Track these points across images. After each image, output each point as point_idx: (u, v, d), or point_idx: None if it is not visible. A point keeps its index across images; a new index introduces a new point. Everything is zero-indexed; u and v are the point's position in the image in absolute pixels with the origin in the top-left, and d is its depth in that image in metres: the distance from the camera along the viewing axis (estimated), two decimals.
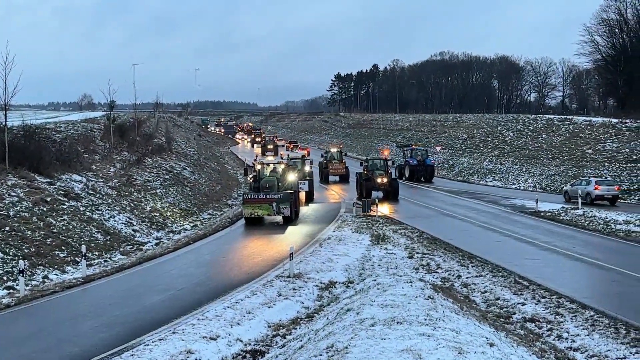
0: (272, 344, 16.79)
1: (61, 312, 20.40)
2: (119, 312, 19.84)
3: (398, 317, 13.99)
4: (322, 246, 31.42)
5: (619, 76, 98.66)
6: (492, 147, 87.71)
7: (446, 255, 29.79)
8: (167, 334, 16.86)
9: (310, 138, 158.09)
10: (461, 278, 25.24)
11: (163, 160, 60.36)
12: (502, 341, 14.32)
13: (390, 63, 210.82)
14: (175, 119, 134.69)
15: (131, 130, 66.95)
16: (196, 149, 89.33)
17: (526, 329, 18.57)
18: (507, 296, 22.29)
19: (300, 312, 20.06)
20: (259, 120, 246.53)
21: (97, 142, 55.95)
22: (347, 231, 36.08)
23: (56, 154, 41.75)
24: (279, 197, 38.13)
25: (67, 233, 30.35)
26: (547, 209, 44.54)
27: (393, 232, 35.71)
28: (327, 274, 24.96)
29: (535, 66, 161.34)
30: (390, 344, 11.84)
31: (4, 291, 22.38)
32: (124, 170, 47.51)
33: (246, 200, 38.73)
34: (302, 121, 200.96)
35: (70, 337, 17.36)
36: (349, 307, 16.78)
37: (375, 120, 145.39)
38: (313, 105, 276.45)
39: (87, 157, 47.10)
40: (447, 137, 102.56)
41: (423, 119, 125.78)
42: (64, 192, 35.74)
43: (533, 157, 76.55)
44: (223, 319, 18.21)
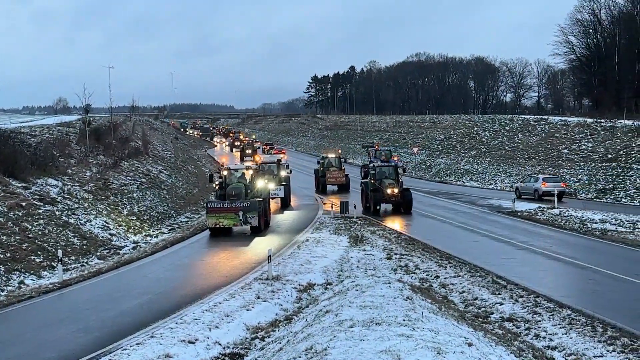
0: (250, 346, 16.73)
1: (38, 317, 20.21)
2: (96, 316, 19.69)
3: (377, 318, 13.99)
4: (300, 248, 31.38)
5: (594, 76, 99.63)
6: (469, 147, 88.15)
7: (424, 255, 29.86)
8: (145, 338, 16.75)
9: (287, 140, 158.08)
10: (439, 278, 25.31)
11: (140, 164, 60.05)
12: (481, 341, 14.36)
13: (367, 64, 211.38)
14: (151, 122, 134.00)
15: (107, 133, 66.51)
16: (173, 152, 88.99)
17: (504, 328, 18.64)
18: (485, 296, 22.36)
19: (279, 315, 20.02)
20: (236, 122, 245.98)
21: (73, 146, 55.50)
22: (325, 233, 36.07)
23: (31, 158, 41.37)
24: (245, 206, 35.15)
25: (43, 238, 30.09)
26: (524, 208, 44.79)
27: (371, 234, 35.74)
28: (306, 276, 24.93)
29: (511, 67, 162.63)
30: (369, 345, 11.83)
31: None
32: (100, 174, 47.20)
33: (210, 209, 35.68)
34: (279, 123, 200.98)
35: (48, 342, 17.20)
36: (327, 309, 16.77)
37: (352, 122, 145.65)
38: (290, 107, 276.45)
39: (63, 161, 46.71)
40: (424, 138, 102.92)
41: (400, 120, 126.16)
42: (39, 197, 35.43)
43: (509, 157, 77.02)
44: (201, 323, 18.13)
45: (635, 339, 16.87)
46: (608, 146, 64.79)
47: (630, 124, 67.27)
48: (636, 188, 53.32)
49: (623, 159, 60.10)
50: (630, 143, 62.08)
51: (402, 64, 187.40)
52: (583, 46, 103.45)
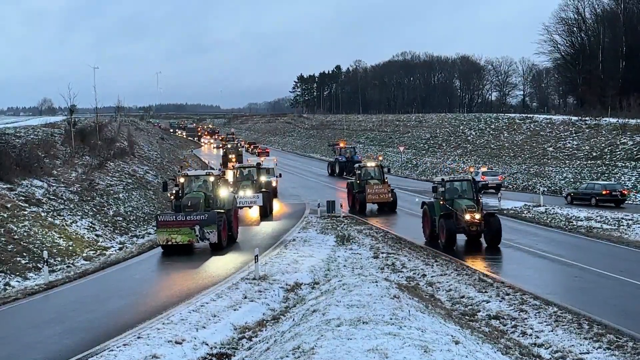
0: (238, 346, 16.72)
1: (24, 319, 20.10)
2: (82, 317, 19.61)
3: (364, 317, 14.02)
4: (287, 248, 31.38)
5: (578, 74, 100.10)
6: (455, 146, 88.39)
7: (411, 254, 29.95)
8: (132, 339, 16.70)
9: (273, 140, 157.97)
10: (426, 277, 25.38)
11: (125, 164, 59.86)
12: (468, 339, 14.42)
13: (353, 64, 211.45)
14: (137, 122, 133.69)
15: (92, 134, 66.28)
16: (159, 153, 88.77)
17: (491, 326, 18.71)
18: (471, 294, 22.44)
19: (266, 314, 20.02)
20: (222, 122, 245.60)
21: (58, 147, 55.25)
22: (312, 232, 36.08)
23: (16, 159, 41.14)
24: (202, 219, 30.02)
25: (28, 239, 29.94)
26: (510, 206, 44.98)
27: (358, 233, 35.78)
28: (293, 276, 24.93)
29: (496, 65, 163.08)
30: (356, 343, 11.85)
31: None
32: (86, 174, 47.01)
33: (160, 222, 30.28)
34: (265, 123, 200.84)
35: (34, 344, 17.11)
36: (315, 308, 16.78)
37: (338, 121, 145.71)
38: (276, 107, 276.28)
39: (48, 162, 46.49)
40: (410, 137, 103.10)
41: (386, 119, 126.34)
42: (24, 198, 35.24)
43: (495, 156, 77.30)
44: (188, 323, 18.10)
45: (620, 336, 16.98)
46: (593, 144, 65.12)
47: (615, 121, 67.67)
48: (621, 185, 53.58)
49: (608, 156, 60.42)
50: (615, 141, 62.43)
51: (388, 63, 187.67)
52: (567, 45, 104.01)
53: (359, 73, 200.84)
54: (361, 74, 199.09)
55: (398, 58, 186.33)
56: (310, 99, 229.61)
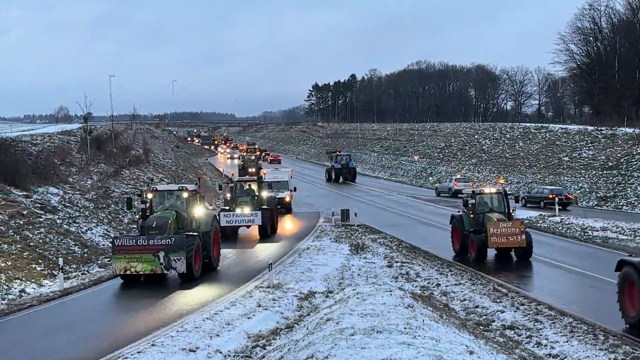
0: (251, 355, 16.71)
1: (38, 326, 20.18)
2: (97, 325, 19.66)
3: (378, 326, 13.99)
4: (301, 256, 31.37)
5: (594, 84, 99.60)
6: (470, 155, 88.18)
7: (425, 263, 29.87)
8: (146, 346, 16.73)
9: (288, 148, 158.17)
10: (440, 286, 25.31)
11: (141, 172, 60.05)
12: (482, 349, 14.35)
13: (368, 73, 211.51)
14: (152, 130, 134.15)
15: (108, 142, 66.54)
16: (174, 161, 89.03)
17: (506, 336, 18.62)
18: (486, 304, 22.35)
19: (280, 323, 20.00)
20: (237, 131, 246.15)
21: (74, 155, 55.52)
22: (326, 241, 36.06)
23: (32, 166, 41.39)
24: (168, 243, 24.76)
25: (44, 246, 30.07)
26: (525, 216, 44.72)
27: (372, 241, 35.73)
28: (307, 284, 24.92)
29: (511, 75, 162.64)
30: (370, 352, 11.83)
31: None
32: (101, 182, 47.21)
33: (117, 247, 25.03)
34: (279, 131, 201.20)
35: (48, 351, 17.17)
36: (328, 317, 16.76)
37: (353, 130, 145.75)
38: (291, 115, 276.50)
39: (64, 170, 46.72)
40: (424, 146, 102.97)
41: (401, 128, 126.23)
42: (40, 205, 35.43)
43: (510, 165, 77.04)
44: (202, 331, 18.11)
45: (636, 347, 16.85)
46: (609, 154, 64.79)
47: (631, 131, 67.29)
48: (637, 196, 53.35)
49: (624, 166, 60.08)
50: (631, 151, 62.07)
51: (403, 72, 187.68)
52: (583, 54, 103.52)
53: (373, 82, 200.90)
54: (376, 82, 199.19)
55: (413, 67, 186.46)
56: (325, 107, 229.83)
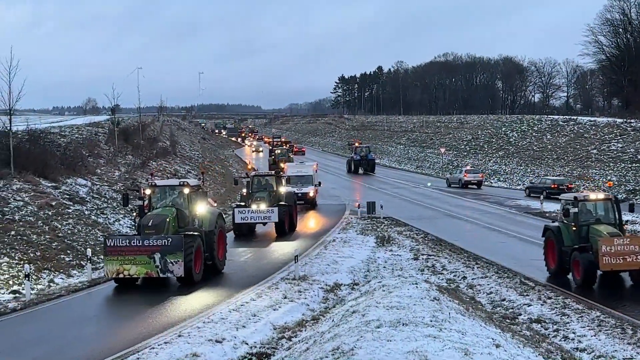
0: (277, 346, 16.76)
1: (67, 316, 20.38)
2: (123, 315, 19.79)
3: (404, 318, 13.98)
4: (327, 248, 31.40)
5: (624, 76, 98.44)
6: (497, 148, 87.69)
7: (451, 256, 29.78)
8: (173, 337, 16.85)
9: (314, 140, 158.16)
10: (467, 279, 25.23)
11: (167, 164, 60.39)
12: (509, 342, 14.30)
13: (394, 65, 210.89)
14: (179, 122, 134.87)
15: (135, 133, 66.98)
16: (200, 152, 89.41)
17: (532, 329, 18.54)
18: (513, 297, 22.26)
19: (306, 315, 20.04)
20: (263, 123, 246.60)
21: (102, 146, 55.97)
22: (352, 233, 36.06)
23: (61, 158, 41.77)
24: (164, 244, 22.75)
25: (72, 237, 30.35)
26: (553, 209, 44.41)
27: (398, 234, 35.67)
28: (333, 276, 24.95)
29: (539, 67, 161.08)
30: (396, 345, 11.82)
31: (10, 295, 22.37)
32: (129, 173, 47.54)
33: (109, 248, 23.14)
34: (306, 124, 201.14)
35: (76, 341, 17.35)
36: (354, 309, 16.78)
37: (379, 122, 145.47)
38: (317, 107, 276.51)
39: (92, 161, 47.10)
40: (451, 139, 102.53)
41: (427, 121, 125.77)
42: (69, 196, 35.76)
43: (538, 158, 76.48)
44: (228, 322, 18.21)
45: None
46: (638, 147, 64.11)
47: None
48: None
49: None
50: None
51: (430, 64, 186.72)
52: (613, 46, 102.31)
53: (400, 74, 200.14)
54: (402, 74, 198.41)
55: (440, 59, 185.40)
56: (351, 99, 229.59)
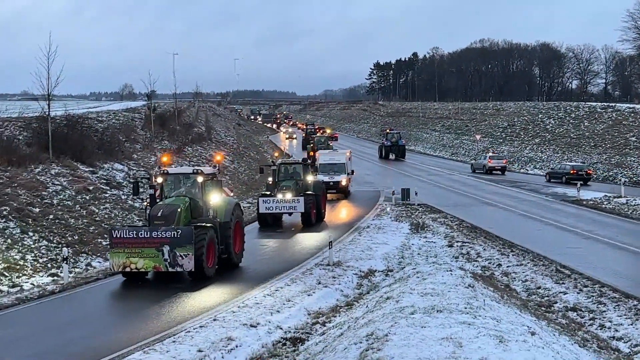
0: (311, 331, 16.84)
1: (104, 299, 20.64)
2: (160, 298, 19.94)
3: (438, 305, 13.97)
4: (361, 235, 31.41)
5: None
6: (533, 135, 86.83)
7: (486, 243, 29.64)
8: (208, 320, 17.00)
9: (348, 127, 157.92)
10: (502, 267, 25.11)
11: (203, 149, 60.77)
12: (544, 330, 14.22)
13: (430, 51, 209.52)
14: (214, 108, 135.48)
15: (171, 119, 67.48)
16: (235, 138, 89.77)
17: (568, 318, 18.42)
18: (548, 285, 22.12)
19: (340, 300, 20.11)
20: (297, 109, 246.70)
21: (138, 132, 56.49)
22: (386, 220, 36.02)
23: (98, 143, 42.26)
24: (173, 236, 21.28)
25: (109, 221, 30.69)
26: (590, 197, 44.01)
27: (432, 221, 35.56)
28: (367, 262, 24.97)
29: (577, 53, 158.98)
30: (430, 332, 11.82)
31: (49, 278, 22.73)
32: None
33: (115, 240, 21.72)
34: (340, 110, 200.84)
35: (114, 323, 17.59)
36: (388, 296, 16.79)
37: (414, 109, 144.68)
38: (352, 94, 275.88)
39: (129, 146, 47.58)
40: (487, 126, 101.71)
41: (462, 107, 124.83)
42: (106, 181, 36.17)
43: (575, 145, 75.63)
44: (263, 307, 18.33)
45: None
46: None
47: None
48: None
49: None
50: None
51: (466, 51, 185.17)
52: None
53: (436, 60, 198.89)
54: (438, 61, 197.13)
55: (476, 45, 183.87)
56: (386, 86, 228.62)
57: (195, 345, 14.95)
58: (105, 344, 15.51)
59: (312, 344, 15.29)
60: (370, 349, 11.38)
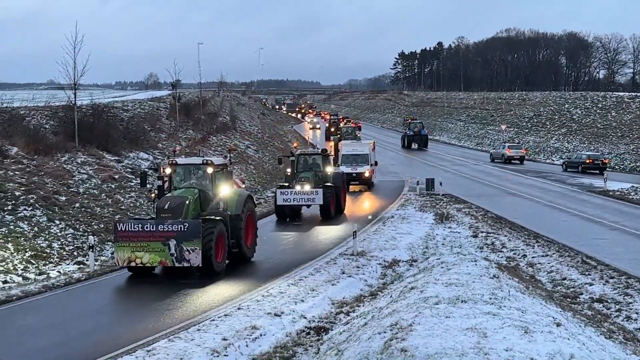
0: (335, 320, 16.86)
1: (129, 287, 20.75)
2: (184, 288, 20.02)
3: (462, 295, 13.91)
4: (385, 225, 31.35)
5: None
6: (559, 125, 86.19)
7: (511, 234, 29.48)
8: (232, 309, 17.06)
9: (373, 116, 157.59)
10: (527, 257, 24.97)
11: (227, 139, 60.91)
12: (569, 321, 14.13)
13: (455, 40, 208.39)
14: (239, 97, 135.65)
15: (196, 108, 67.67)
16: (260, 128, 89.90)
17: (594, 309, 18.29)
18: (574, 276, 21.97)
19: (364, 290, 20.10)
20: (322, 98, 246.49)
21: (163, 121, 56.75)
22: (410, 210, 35.93)
23: (123, 132, 42.53)
24: (180, 230, 20.53)
25: (134, 210, 30.89)
26: (616, 188, 43.62)
27: (457, 211, 35.43)
28: (391, 252, 24.93)
29: (605, 42, 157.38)
30: (454, 322, 11.78)
31: (75, 266, 22.93)
32: (190, 148, 48.10)
33: (120, 233, 20.95)
34: (364, 100, 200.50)
35: (139, 311, 17.68)
36: (412, 286, 16.75)
37: (439, 99, 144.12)
38: (376, 83, 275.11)
39: (154, 136, 47.83)
40: (512, 116, 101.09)
41: (488, 97, 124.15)
42: (131, 170, 36.39)
43: (602, 136, 74.98)
44: (287, 296, 18.36)
45: None
46: None
47: None
48: None
49: None
50: None
51: (491, 40, 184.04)
52: None
53: (461, 50, 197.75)
54: (463, 50, 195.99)
55: (502, 35, 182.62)
56: (410, 76, 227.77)
57: (220, 334, 15.00)
58: (131, 331, 15.63)
59: (336, 334, 15.30)
60: (395, 338, 11.36)
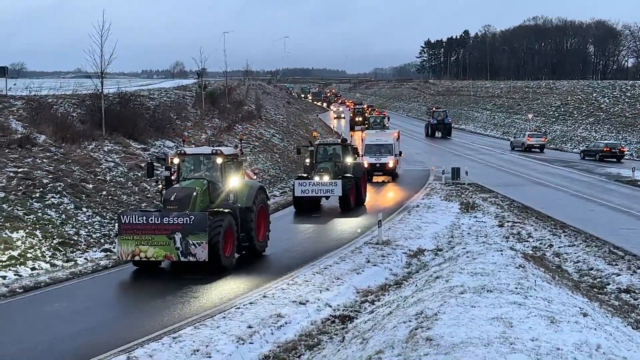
0: (360, 309, 16.88)
1: (155, 275, 20.82)
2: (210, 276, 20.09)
3: (488, 285, 13.86)
4: (410, 214, 31.29)
5: None
6: (587, 114, 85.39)
7: (537, 224, 29.30)
8: (258, 297, 17.14)
9: (398, 105, 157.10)
10: (553, 247, 24.81)
11: (253, 127, 60.99)
12: (596, 311, 14.03)
13: (482, 29, 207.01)
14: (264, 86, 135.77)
15: (222, 97, 67.81)
16: (285, 116, 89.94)
17: (621, 300, 18.14)
18: (601, 266, 21.80)
19: (389, 279, 20.10)
20: (347, 87, 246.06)
21: (189, 109, 56.93)
22: (436, 199, 35.82)
23: (150, 120, 42.71)
24: (185, 223, 19.64)
25: (161, 198, 30.99)
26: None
27: (483, 201, 35.26)
28: (416, 242, 24.90)
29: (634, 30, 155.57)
30: (480, 311, 11.74)
31: (102, 254, 23.12)
32: (215, 136, 48.26)
33: (124, 226, 20.08)
34: (390, 88, 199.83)
35: (165, 299, 17.72)
36: (438, 275, 16.71)
37: (465, 88, 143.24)
38: (402, 72, 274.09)
39: (180, 124, 48.01)
40: (539, 104, 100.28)
41: (514, 86, 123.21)
42: (157, 158, 36.57)
43: (630, 125, 74.21)
44: (312, 284, 18.41)
45: None
46: None
47: None
48: None
49: None
50: None
51: (518, 28, 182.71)
52: None
53: (487, 38, 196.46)
54: (490, 39, 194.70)
55: (529, 23, 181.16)
56: (436, 64, 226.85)
57: (245, 322, 15.08)
58: (158, 318, 15.75)
59: (361, 322, 15.31)
60: (420, 327, 11.34)
